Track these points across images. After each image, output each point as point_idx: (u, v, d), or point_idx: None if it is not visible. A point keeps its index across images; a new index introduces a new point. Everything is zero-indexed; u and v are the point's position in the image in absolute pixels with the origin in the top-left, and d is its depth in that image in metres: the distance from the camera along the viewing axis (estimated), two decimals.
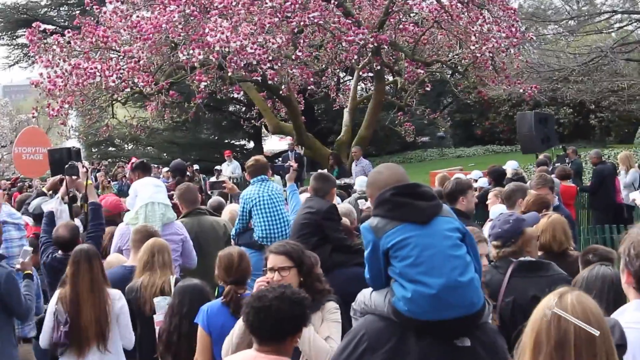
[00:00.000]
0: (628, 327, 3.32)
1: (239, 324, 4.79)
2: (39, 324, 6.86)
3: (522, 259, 5.54)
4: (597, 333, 2.67)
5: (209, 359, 5.45)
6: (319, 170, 9.15)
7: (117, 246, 8.29)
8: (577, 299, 2.74)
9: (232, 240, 8.90)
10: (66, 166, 8.87)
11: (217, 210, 9.89)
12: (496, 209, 8.31)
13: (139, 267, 6.77)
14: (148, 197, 8.44)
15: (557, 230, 6.43)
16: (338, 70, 22.09)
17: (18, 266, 7.09)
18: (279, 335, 4.10)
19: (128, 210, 8.97)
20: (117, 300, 6.58)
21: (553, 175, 11.81)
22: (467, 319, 3.83)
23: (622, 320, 3.39)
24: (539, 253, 6.10)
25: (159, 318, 6.14)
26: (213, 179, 19.76)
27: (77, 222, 9.41)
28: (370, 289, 4.13)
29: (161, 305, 6.23)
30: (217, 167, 25.14)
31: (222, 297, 5.53)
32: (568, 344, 2.67)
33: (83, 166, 9.04)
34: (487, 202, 9.64)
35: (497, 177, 12.41)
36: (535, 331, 2.76)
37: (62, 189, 8.78)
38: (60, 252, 7.66)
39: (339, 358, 3.98)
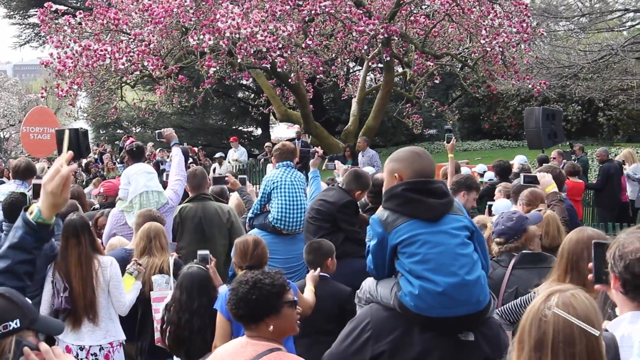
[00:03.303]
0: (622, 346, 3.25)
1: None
2: None
3: (524, 251, 5.58)
4: (597, 333, 2.70)
5: None
6: (355, 168, 9.00)
7: (111, 231, 8.34)
8: (564, 302, 2.77)
9: (246, 223, 8.86)
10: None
11: (221, 196, 9.89)
12: (500, 203, 8.30)
13: (136, 252, 6.83)
14: (142, 185, 8.39)
15: (551, 226, 6.42)
16: (348, 60, 22.08)
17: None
18: (257, 317, 4.10)
19: None
20: (109, 267, 6.63)
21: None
22: (473, 316, 3.86)
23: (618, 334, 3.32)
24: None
25: (155, 295, 6.24)
26: (213, 172, 19.20)
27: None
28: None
29: (159, 282, 6.35)
30: (219, 154, 24.35)
31: None
32: (546, 345, 2.74)
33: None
34: (493, 197, 9.62)
35: (502, 171, 12.35)
36: (520, 329, 2.84)
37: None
38: None
39: (342, 344, 4.00)
